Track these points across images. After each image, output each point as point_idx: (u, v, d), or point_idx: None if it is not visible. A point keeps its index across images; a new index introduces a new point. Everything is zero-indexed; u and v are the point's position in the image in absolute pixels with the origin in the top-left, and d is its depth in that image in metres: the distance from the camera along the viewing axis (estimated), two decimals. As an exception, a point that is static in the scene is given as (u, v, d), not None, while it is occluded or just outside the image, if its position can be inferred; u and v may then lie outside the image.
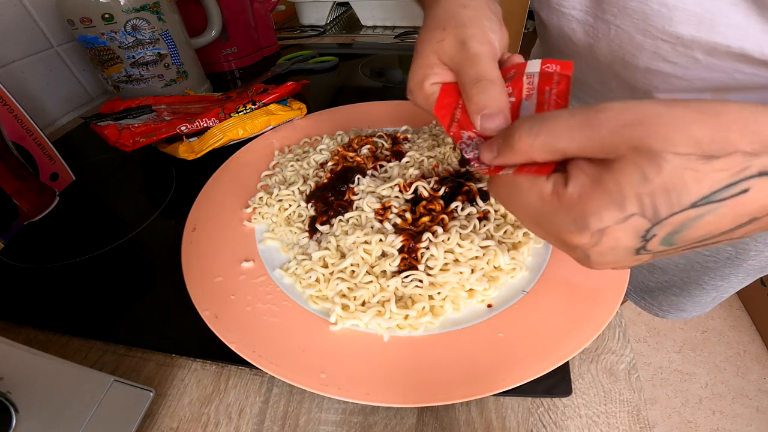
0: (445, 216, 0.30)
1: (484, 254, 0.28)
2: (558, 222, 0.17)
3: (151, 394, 0.25)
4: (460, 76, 0.23)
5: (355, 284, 0.28)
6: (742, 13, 0.27)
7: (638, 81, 0.36)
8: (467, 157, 0.23)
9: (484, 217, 0.31)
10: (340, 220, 0.32)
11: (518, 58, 0.24)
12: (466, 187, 0.32)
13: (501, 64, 0.24)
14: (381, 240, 0.29)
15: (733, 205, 0.15)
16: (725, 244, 0.17)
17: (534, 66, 0.23)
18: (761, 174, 0.14)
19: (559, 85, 0.22)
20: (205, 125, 0.44)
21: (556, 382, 0.25)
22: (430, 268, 0.28)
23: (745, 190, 0.14)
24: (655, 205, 0.15)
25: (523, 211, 0.19)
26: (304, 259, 0.30)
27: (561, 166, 0.18)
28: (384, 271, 0.29)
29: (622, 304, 0.28)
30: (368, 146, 0.38)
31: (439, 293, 0.27)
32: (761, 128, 0.14)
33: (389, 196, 0.32)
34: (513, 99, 0.23)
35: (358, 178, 0.34)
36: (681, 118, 0.15)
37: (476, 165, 0.22)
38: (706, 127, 0.14)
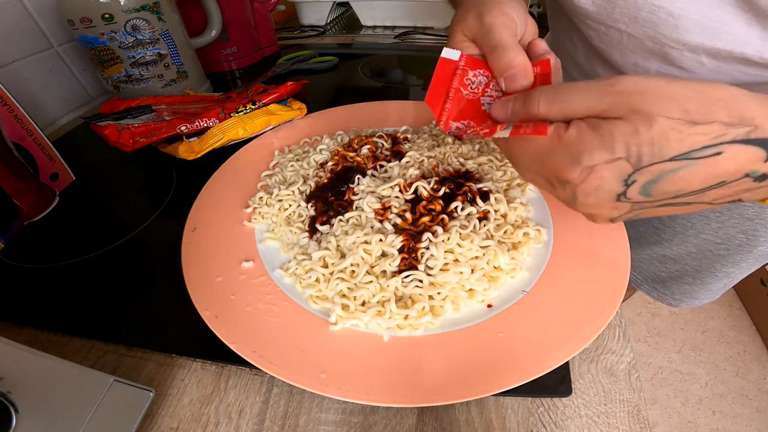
0: (445, 216, 0.30)
1: (484, 254, 0.28)
2: (556, 158, 0.21)
3: (151, 394, 0.25)
4: (480, 46, 0.27)
5: (355, 284, 0.28)
6: (743, 22, 0.28)
7: None
8: (457, 134, 0.26)
9: (484, 217, 0.31)
10: (340, 220, 0.32)
11: (541, 43, 0.27)
12: (466, 187, 0.32)
13: (526, 46, 0.27)
14: (381, 240, 0.29)
15: (706, 165, 0.18)
16: (702, 209, 0.21)
17: None
18: (734, 141, 0.17)
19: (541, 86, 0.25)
20: (205, 125, 0.44)
21: (556, 382, 0.25)
22: (430, 268, 0.28)
23: (719, 153, 0.17)
24: (640, 154, 0.18)
25: (525, 153, 0.23)
26: (304, 259, 0.30)
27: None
28: (384, 271, 0.29)
29: (629, 296, 0.29)
30: (368, 146, 0.38)
31: (439, 293, 0.27)
32: (740, 105, 0.17)
33: (389, 196, 0.32)
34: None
35: (358, 178, 0.34)
36: (678, 93, 0.18)
37: (469, 133, 0.25)
38: (696, 101, 0.17)
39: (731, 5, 0.28)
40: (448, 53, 0.28)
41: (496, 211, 0.32)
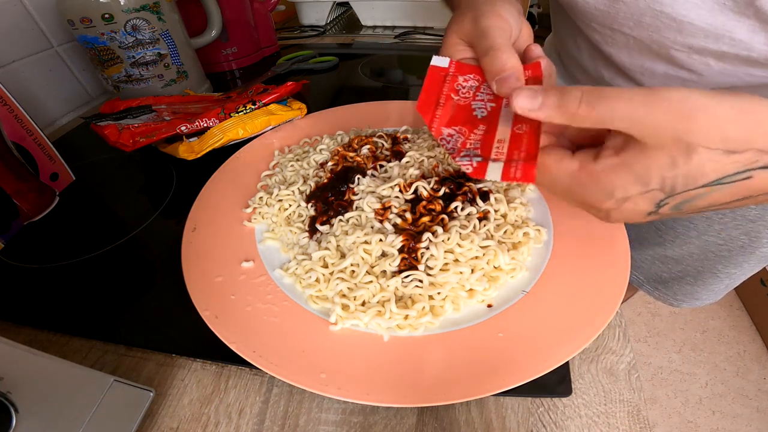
0: (445, 216, 0.30)
1: (484, 254, 0.28)
2: (587, 193, 0.21)
3: (151, 394, 0.25)
4: (475, 49, 0.27)
5: (355, 284, 0.28)
6: (745, 28, 0.28)
7: (657, 86, 0.38)
8: (448, 151, 0.25)
9: (484, 217, 0.31)
10: (340, 220, 0.32)
11: (536, 49, 0.27)
12: (466, 187, 0.32)
13: (521, 51, 0.27)
14: (381, 240, 0.29)
15: (736, 186, 0.18)
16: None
17: None
18: (765, 167, 0.18)
19: None
20: (205, 125, 0.44)
21: (556, 382, 0.25)
22: (430, 268, 0.28)
23: (749, 177, 0.18)
24: (674, 185, 0.19)
25: (553, 186, 0.23)
26: (304, 259, 0.30)
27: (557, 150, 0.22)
28: (384, 271, 0.29)
29: (629, 297, 0.29)
30: (368, 146, 0.38)
31: (439, 293, 0.27)
32: None
33: (389, 196, 0.32)
34: (494, 105, 0.26)
35: (358, 178, 0.34)
36: (722, 117, 0.17)
37: (459, 162, 0.24)
38: (740, 127, 0.17)
39: (733, 11, 0.28)
40: (437, 61, 0.28)
41: (496, 211, 0.32)
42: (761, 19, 0.27)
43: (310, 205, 0.34)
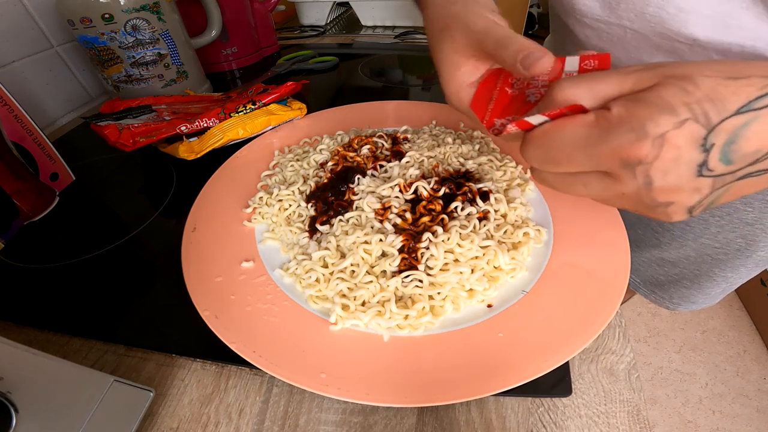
0: (445, 216, 0.30)
1: (484, 254, 0.28)
2: (614, 139, 0.18)
3: (151, 394, 0.25)
4: (485, 49, 0.25)
5: (355, 284, 0.28)
6: (753, 15, 0.28)
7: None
8: (497, 132, 0.24)
9: (484, 217, 0.31)
10: (340, 220, 0.32)
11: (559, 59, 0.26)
12: (466, 187, 0.32)
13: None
14: (381, 240, 0.29)
15: None
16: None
17: (573, 64, 0.23)
18: None
19: None
20: (205, 125, 0.44)
21: (556, 382, 0.25)
22: (430, 268, 0.28)
23: None
24: (705, 111, 0.17)
25: (570, 149, 0.19)
26: (304, 259, 0.30)
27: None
28: (384, 271, 0.29)
29: (629, 299, 0.29)
30: (368, 146, 0.38)
31: (439, 293, 0.27)
32: (754, 64, 0.17)
33: (389, 196, 0.32)
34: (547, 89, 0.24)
35: (358, 178, 0.34)
36: (697, 63, 0.18)
37: (509, 128, 0.23)
38: (721, 64, 0.18)
39: None
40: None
41: (496, 211, 0.32)
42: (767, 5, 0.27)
43: (310, 205, 0.34)
